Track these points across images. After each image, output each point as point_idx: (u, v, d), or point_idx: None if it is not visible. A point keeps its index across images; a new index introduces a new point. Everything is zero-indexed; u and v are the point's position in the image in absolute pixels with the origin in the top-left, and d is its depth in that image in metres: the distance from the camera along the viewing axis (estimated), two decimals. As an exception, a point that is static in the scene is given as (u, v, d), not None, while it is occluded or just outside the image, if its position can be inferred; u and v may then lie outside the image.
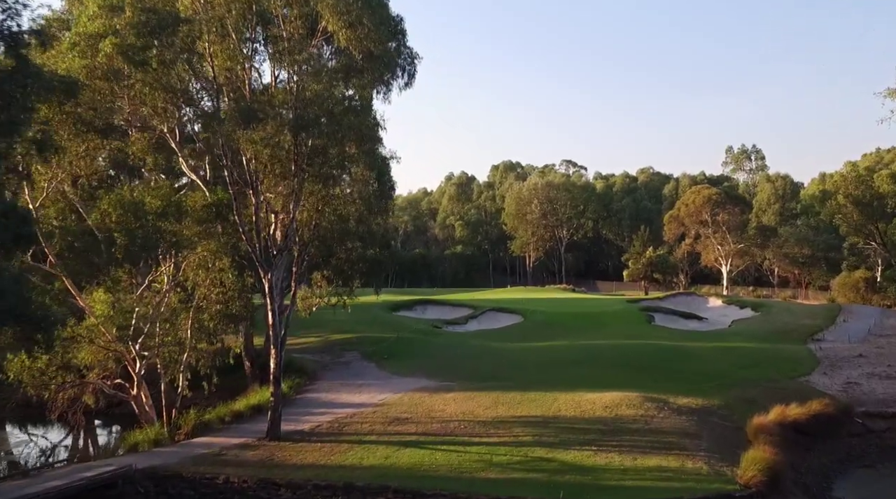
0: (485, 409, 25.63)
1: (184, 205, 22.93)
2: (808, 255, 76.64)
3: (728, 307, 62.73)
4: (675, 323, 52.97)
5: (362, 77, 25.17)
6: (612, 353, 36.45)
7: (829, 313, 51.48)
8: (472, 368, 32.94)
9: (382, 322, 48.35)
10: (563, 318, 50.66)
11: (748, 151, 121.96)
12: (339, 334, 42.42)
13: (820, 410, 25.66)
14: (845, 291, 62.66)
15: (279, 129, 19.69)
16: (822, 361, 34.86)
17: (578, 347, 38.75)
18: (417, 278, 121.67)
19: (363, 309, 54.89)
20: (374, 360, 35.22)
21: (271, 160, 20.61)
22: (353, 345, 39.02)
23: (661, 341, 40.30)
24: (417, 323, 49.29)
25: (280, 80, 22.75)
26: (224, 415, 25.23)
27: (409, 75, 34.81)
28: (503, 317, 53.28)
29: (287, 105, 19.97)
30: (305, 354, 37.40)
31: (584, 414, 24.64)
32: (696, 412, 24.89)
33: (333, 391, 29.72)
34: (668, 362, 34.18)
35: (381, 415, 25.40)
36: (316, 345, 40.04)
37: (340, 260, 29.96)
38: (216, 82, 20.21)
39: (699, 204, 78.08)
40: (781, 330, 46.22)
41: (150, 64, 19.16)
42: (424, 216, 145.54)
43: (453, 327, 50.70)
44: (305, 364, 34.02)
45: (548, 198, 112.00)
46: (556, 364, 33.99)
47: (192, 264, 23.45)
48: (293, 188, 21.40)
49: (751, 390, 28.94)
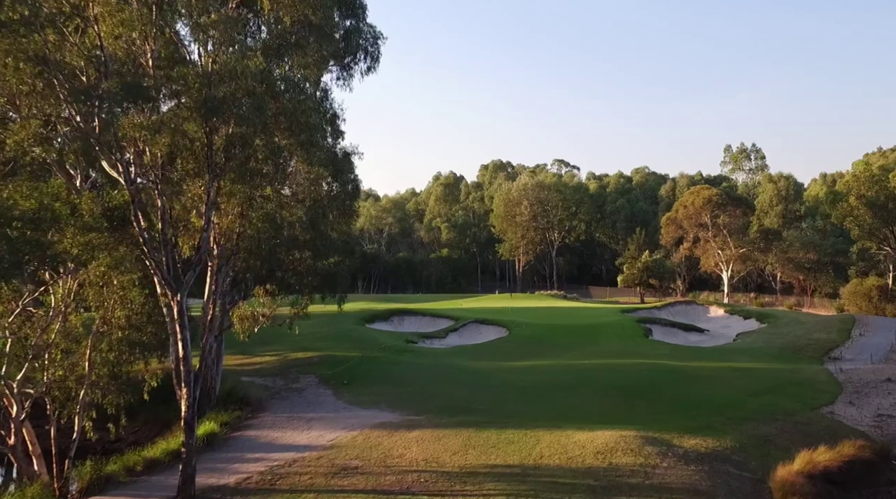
0: (452, 454, 21.58)
1: (78, 208, 18.77)
2: (814, 260, 73.13)
3: (731, 317, 59.11)
4: (675, 337, 49.21)
5: (303, 55, 21.16)
6: (606, 376, 32.56)
7: (842, 326, 47.77)
8: (444, 397, 28.91)
9: (352, 337, 44.26)
10: (552, 331, 46.70)
11: (747, 150, 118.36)
12: (300, 352, 38.36)
13: (854, 454, 21.77)
14: (856, 300, 59.08)
15: (181, 112, 15.64)
16: (846, 386, 31.03)
17: (567, 369, 34.84)
18: (401, 283, 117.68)
19: (333, 321, 50.95)
20: (333, 386, 31.14)
21: (176, 152, 16.52)
22: (313, 366, 34.93)
23: (660, 361, 36.43)
24: (391, 338, 45.20)
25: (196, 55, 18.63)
26: (134, 464, 21.03)
27: (371, 58, 30.92)
28: (486, 330, 49.31)
29: (197, 84, 15.83)
30: (256, 377, 33.33)
31: (571, 462, 20.62)
32: (705, 459, 20.94)
33: (278, 428, 25.59)
34: (669, 388, 30.34)
35: (327, 463, 21.30)
36: (271, 365, 35.94)
37: (287, 272, 25.84)
38: (103, 53, 16.06)
39: (699, 205, 74.44)
40: (792, 346, 42.48)
41: (12, 25, 15.01)
42: (411, 218, 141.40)
43: (431, 342, 46.70)
44: (251, 392, 29.92)
45: (538, 199, 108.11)
46: (540, 390, 30.05)
47: (92, 281, 19.31)
48: (206, 188, 17.29)
49: (767, 425, 25.04)
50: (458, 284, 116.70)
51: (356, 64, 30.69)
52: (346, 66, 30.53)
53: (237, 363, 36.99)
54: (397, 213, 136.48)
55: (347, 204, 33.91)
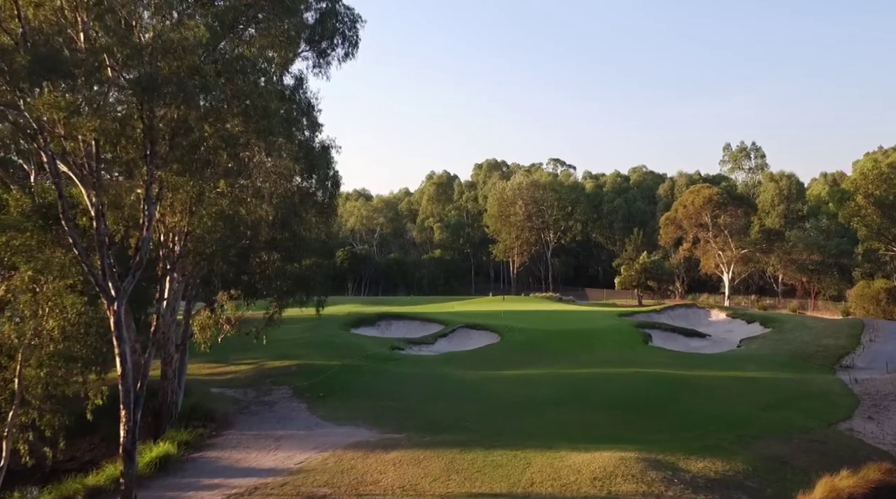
0: (433, 481, 19.44)
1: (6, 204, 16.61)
2: (818, 261, 71.18)
3: (733, 321, 57.13)
4: (676, 342, 47.16)
5: (266, 32, 19.01)
6: (603, 387, 30.50)
7: (851, 331, 45.78)
8: (428, 412, 26.78)
9: (335, 344, 42.08)
10: (546, 337, 44.58)
11: (747, 149, 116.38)
12: (278, 361, 36.22)
13: (880, 479, 19.64)
14: (863, 303, 57.13)
15: (107, 90, 13.49)
16: (862, 399, 29.00)
17: (562, 379, 32.75)
18: (393, 285, 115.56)
19: (317, 326, 48.75)
20: (308, 399, 28.96)
21: (107, 139, 14.36)
22: (289, 377, 32.76)
23: (660, 370, 34.37)
24: (376, 344, 43.00)
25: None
26: (74, 492, 18.85)
27: (349, 43, 28.77)
28: (477, 335, 47.17)
29: (124, 57, 13.67)
30: (227, 389, 31.17)
31: (565, 490, 18.50)
32: (716, 486, 18.86)
33: (243, 447, 23.40)
34: (671, 401, 28.30)
35: (292, 490, 19.14)
36: (244, 375, 33.78)
37: (255, 276, 23.69)
38: (22, 23, 13.89)
39: (699, 205, 72.43)
40: (801, 353, 40.47)
41: None
42: (404, 218, 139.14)
43: (418, 349, 44.54)
44: (218, 406, 27.75)
45: (533, 198, 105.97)
46: (532, 405, 27.94)
47: (19, 288, 17.12)
48: (146, 181, 15.13)
49: (781, 444, 22.95)
50: (451, 285, 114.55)
51: (333, 49, 28.53)
52: (323, 53, 28.39)
53: (209, 373, 34.85)
54: (389, 213, 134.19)
55: (326, 202, 31.84)
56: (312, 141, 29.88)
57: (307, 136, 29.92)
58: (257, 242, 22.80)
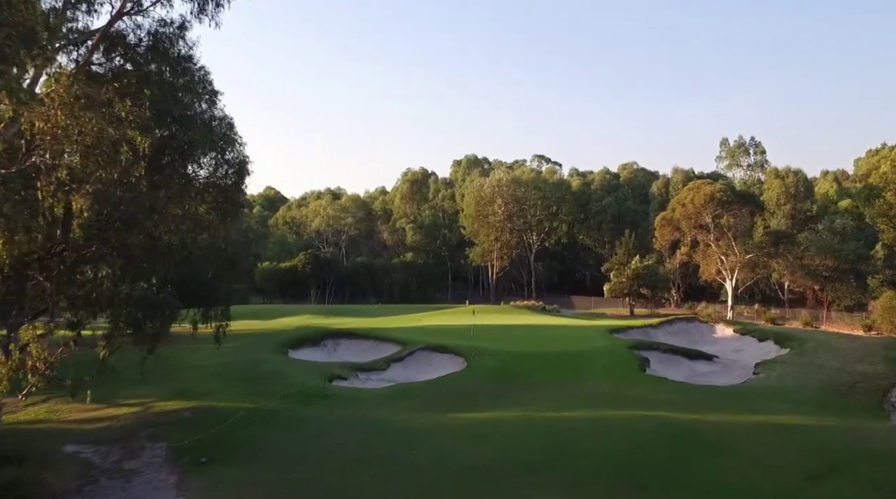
0: None
1: None
2: (833, 267, 64.73)
3: (742, 339, 50.56)
4: (678, 368, 40.27)
5: None
6: (594, 442, 23.40)
7: (888, 353, 39.26)
8: (342, 492, 19.45)
9: (259, 373, 34.60)
10: (523, 363, 37.41)
11: (746, 145, 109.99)
12: (172, 401, 28.81)
13: None
14: (891, 317, 50.54)
15: None
16: (941, 461, 22.13)
17: (539, 427, 25.65)
18: (361, 291, 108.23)
19: (251, 346, 41.59)
20: (183, 466, 21.52)
21: None
22: (176, 426, 25.35)
23: (665, 412, 27.34)
24: (312, 373, 35.59)
25: None
26: None
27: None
28: (440, 360, 39.90)
29: None
30: (86, 446, 23.66)
31: None
32: None
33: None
34: (685, 465, 21.24)
35: None
36: (122, 423, 26.26)
37: (73, 300, 16.36)
38: None
39: (699, 204, 65.71)
40: (834, 384, 33.72)
41: None
42: (377, 218, 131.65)
43: (365, 377, 37.23)
44: (53, 478, 20.23)
45: (514, 197, 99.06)
46: (496, 473, 20.72)
47: None
48: None
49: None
50: (425, 292, 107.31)
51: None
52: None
53: (80, 418, 27.24)
54: (359, 212, 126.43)
55: (232, 194, 24.98)
56: (204, 113, 23.35)
57: (204, 108, 23.58)
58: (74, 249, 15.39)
